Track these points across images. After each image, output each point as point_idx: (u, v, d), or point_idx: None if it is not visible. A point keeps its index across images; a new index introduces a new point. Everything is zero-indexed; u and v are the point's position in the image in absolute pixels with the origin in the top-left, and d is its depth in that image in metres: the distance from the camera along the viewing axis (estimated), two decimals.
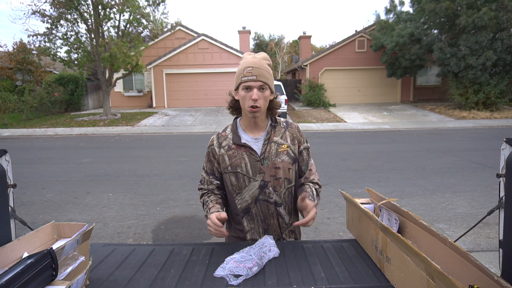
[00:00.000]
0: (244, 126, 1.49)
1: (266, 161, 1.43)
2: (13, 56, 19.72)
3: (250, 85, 1.36)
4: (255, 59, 1.39)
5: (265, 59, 1.41)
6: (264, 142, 1.45)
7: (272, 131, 1.47)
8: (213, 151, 1.50)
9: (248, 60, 1.39)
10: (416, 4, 15.28)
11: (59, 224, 1.26)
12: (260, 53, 1.44)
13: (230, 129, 1.51)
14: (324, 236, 3.63)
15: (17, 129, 13.46)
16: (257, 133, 1.47)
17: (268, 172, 1.43)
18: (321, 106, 18.54)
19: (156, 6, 15.67)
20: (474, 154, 7.48)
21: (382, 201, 1.42)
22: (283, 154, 1.45)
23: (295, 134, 1.50)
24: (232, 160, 1.44)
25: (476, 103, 14.98)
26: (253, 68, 1.36)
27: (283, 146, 1.46)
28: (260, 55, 1.42)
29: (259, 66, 1.37)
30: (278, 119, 1.53)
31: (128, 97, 20.67)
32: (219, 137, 1.51)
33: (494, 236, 3.46)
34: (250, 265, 1.19)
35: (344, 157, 7.58)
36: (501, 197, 1.20)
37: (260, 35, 45.87)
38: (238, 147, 1.44)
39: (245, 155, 1.43)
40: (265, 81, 1.37)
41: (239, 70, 1.40)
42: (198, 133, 12.34)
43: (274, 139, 1.46)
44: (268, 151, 1.43)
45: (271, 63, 1.44)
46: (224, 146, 1.47)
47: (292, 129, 1.51)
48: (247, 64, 1.37)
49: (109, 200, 4.93)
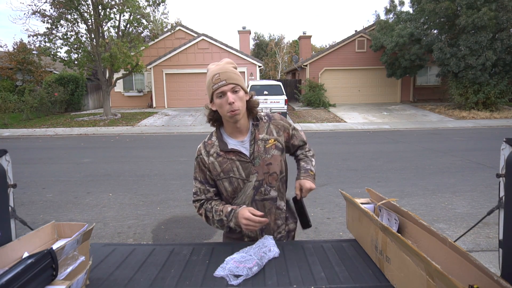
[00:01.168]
0: (228, 132, 1.49)
1: (257, 160, 1.44)
2: (14, 56, 19.72)
3: (222, 91, 1.36)
4: (219, 65, 1.41)
5: (229, 63, 1.43)
6: (250, 143, 1.45)
7: (255, 130, 1.47)
8: (202, 161, 1.48)
9: (213, 69, 1.41)
10: (416, 4, 15.28)
11: (59, 224, 1.26)
12: (223, 59, 1.47)
13: (215, 136, 1.50)
14: (324, 236, 3.63)
15: (17, 129, 13.46)
16: (241, 136, 1.47)
17: (261, 170, 1.44)
18: (321, 106, 18.54)
19: (156, 6, 15.68)
20: (474, 154, 7.48)
21: (382, 201, 1.42)
22: (271, 149, 1.47)
23: (279, 125, 1.52)
24: (223, 166, 1.44)
25: (476, 103, 14.98)
26: (220, 73, 1.37)
27: (270, 141, 1.47)
28: (223, 61, 1.44)
29: (225, 70, 1.38)
30: (259, 115, 1.52)
31: (128, 97, 20.68)
32: (206, 146, 1.50)
33: (494, 236, 3.46)
34: (250, 265, 1.19)
35: (344, 157, 7.58)
36: (501, 197, 1.20)
37: (260, 35, 45.92)
38: (227, 153, 1.45)
39: (235, 159, 1.44)
40: (236, 82, 1.37)
41: (208, 81, 1.42)
42: (198, 133, 12.34)
43: (259, 137, 1.46)
44: (257, 150, 1.44)
45: (236, 66, 1.46)
46: (212, 153, 1.46)
47: (276, 121, 1.53)
48: (214, 72, 1.39)
49: (109, 200, 4.93)
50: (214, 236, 3.72)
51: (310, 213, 4.25)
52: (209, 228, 3.90)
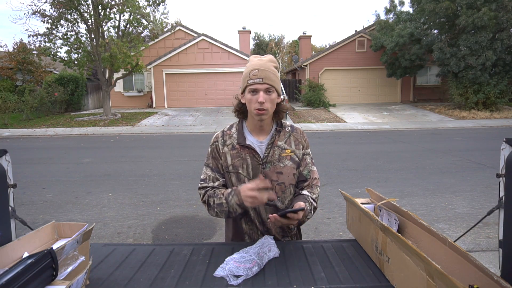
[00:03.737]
0: (250, 128, 1.47)
1: (268, 165, 1.42)
2: (14, 56, 19.71)
3: (256, 88, 1.34)
4: (261, 61, 1.38)
5: (271, 62, 1.40)
6: (267, 146, 1.43)
7: (276, 135, 1.45)
8: (217, 148, 1.47)
9: (254, 63, 1.38)
10: (416, 4, 15.28)
11: (59, 224, 1.26)
12: (267, 55, 1.43)
13: (235, 128, 1.49)
14: (324, 236, 3.62)
15: (17, 129, 13.46)
16: (262, 136, 1.46)
17: (270, 176, 1.41)
18: (321, 106, 18.54)
19: (156, 6, 15.68)
20: (474, 154, 7.48)
21: (382, 201, 1.42)
22: (286, 159, 1.43)
23: (299, 139, 1.49)
24: (234, 161, 1.43)
25: (476, 103, 14.98)
26: (259, 70, 1.34)
27: (287, 151, 1.44)
28: (266, 58, 1.41)
29: (265, 68, 1.35)
30: (283, 123, 1.51)
31: (128, 97, 20.67)
32: (224, 135, 1.48)
33: (494, 236, 3.46)
34: (250, 265, 1.19)
35: (344, 157, 7.58)
36: (501, 197, 1.20)
37: (260, 35, 45.86)
38: (242, 147, 1.43)
39: (248, 157, 1.42)
40: (272, 83, 1.35)
41: (245, 73, 1.39)
42: (198, 133, 12.34)
43: (278, 144, 1.44)
44: (271, 155, 1.42)
45: (278, 65, 1.42)
46: (228, 144, 1.45)
47: (297, 134, 1.51)
48: (253, 67, 1.36)
49: (109, 200, 4.93)
50: (214, 236, 3.72)
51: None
52: (209, 228, 3.90)
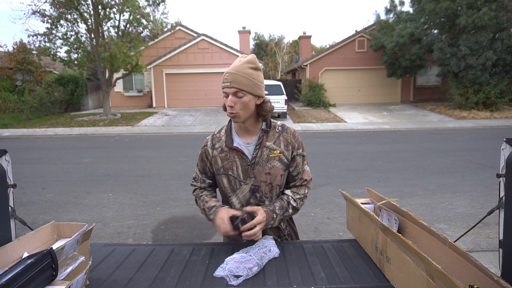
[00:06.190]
0: (236, 129, 1.49)
1: (257, 166, 1.42)
2: (13, 56, 19.70)
3: (226, 91, 1.35)
4: (238, 63, 1.36)
5: (248, 63, 1.36)
6: (255, 147, 1.43)
7: (264, 136, 1.44)
8: (206, 152, 1.52)
9: (231, 66, 1.38)
10: (416, 4, 15.28)
11: (59, 224, 1.26)
12: (248, 56, 1.40)
13: (224, 130, 1.51)
14: (324, 236, 3.62)
15: (17, 129, 13.45)
16: (248, 137, 1.46)
17: (259, 177, 1.42)
18: (321, 106, 18.54)
19: (156, 6, 15.66)
20: (474, 154, 7.48)
21: (382, 201, 1.42)
22: (274, 159, 1.43)
23: (289, 139, 1.46)
24: (224, 163, 1.45)
25: (476, 103, 14.97)
26: (230, 74, 1.34)
27: (275, 152, 1.43)
28: (245, 59, 1.38)
29: (236, 71, 1.33)
30: (273, 123, 1.49)
31: (128, 97, 20.67)
32: (213, 139, 1.52)
33: (494, 236, 3.46)
34: (250, 265, 1.19)
35: (344, 157, 7.58)
36: (501, 197, 1.20)
37: (260, 35, 45.89)
38: (230, 150, 1.44)
39: (236, 159, 1.43)
40: (240, 87, 1.32)
41: None
42: (198, 133, 12.34)
43: (266, 144, 1.43)
44: (259, 156, 1.42)
45: (258, 66, 1.38)
46: (217, 148, 1.48)
47: (287, 134, 1.47)
48: (227, 70, 1.36)
49: (109, 200, 4.93)
50: (214, 236, 3.72)
51: (310, 213, 4.25)
52: (209, 228, 3.90)
